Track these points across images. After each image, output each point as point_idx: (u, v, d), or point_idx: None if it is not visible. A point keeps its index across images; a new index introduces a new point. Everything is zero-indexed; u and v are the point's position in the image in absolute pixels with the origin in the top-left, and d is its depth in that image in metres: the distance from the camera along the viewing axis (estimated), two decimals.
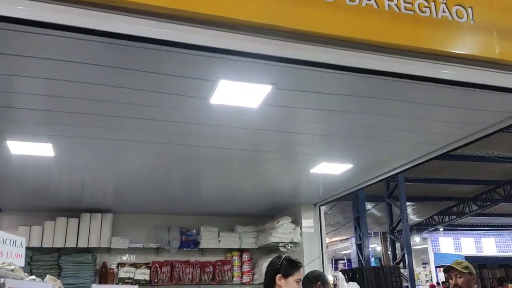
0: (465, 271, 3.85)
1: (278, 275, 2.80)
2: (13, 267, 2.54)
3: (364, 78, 2.49)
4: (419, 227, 18.03)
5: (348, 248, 21.87)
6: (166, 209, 5.87)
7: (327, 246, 5.83)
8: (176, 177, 4.55)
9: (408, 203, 11.48)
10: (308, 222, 5.74)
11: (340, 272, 4.11)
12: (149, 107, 2.86)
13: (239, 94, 2.65)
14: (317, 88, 2.67)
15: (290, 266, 2.83)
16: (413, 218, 16.16)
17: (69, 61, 2.29)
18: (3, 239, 2.96)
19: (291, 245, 5.77)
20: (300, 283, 2.85)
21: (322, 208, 5.79)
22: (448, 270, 3.92)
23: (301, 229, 5.69)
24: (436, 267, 18.62)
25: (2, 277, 2.45)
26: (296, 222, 5.75)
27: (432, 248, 18.96)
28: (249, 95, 2.67)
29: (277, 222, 5.69)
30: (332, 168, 4.23)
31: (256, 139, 3.48)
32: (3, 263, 2.58)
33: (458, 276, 3.85)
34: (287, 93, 2.71)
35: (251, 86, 2.56)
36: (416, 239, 18.25)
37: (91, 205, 5.48)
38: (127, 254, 5.77)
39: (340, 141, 3.59)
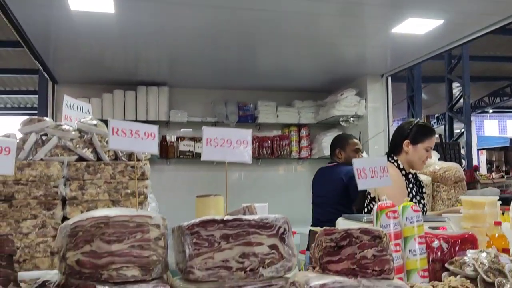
0: None
1: (406, 141, 2.50)
2: (95, 122, 2.41)
3: None
4: None
5: None
6: (222, 83, 5.60)
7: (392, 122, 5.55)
8: (232, 42, 4.14)
9: (458, 85, 10.87)
10: (373, 94, 5.37)
11: None
12: None
13: None
14: None
15: (421, 132, 2.51)
16: (462, 100, 15.60)
17: None
18: (70, 104, 2.86)
19: (353, 119, 5.51)
20: (430, 151, 2.52)
21: (390, 79, 5.39)
22: None
23: (366, 101, 5.36)
24: (478, 149, 18.46)
25: (88, 133, 2.33)
26: (361, 94, 5.41)
27: (476, 131, 18.62)
28: None
29: (341, 95, 5.36)
30: (418, 26, 3.72)
31: None
32: (84, 118, 2.44)
33: None
34: None
35: None
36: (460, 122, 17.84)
37: (146, 78, 5.25)
38: (185, 128, 5.67)
39: None
